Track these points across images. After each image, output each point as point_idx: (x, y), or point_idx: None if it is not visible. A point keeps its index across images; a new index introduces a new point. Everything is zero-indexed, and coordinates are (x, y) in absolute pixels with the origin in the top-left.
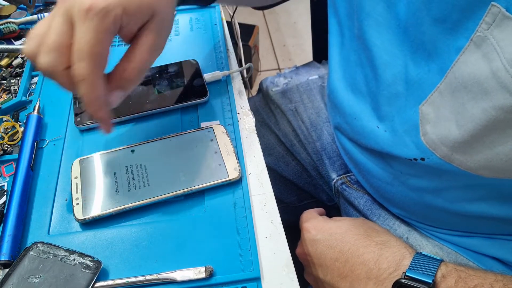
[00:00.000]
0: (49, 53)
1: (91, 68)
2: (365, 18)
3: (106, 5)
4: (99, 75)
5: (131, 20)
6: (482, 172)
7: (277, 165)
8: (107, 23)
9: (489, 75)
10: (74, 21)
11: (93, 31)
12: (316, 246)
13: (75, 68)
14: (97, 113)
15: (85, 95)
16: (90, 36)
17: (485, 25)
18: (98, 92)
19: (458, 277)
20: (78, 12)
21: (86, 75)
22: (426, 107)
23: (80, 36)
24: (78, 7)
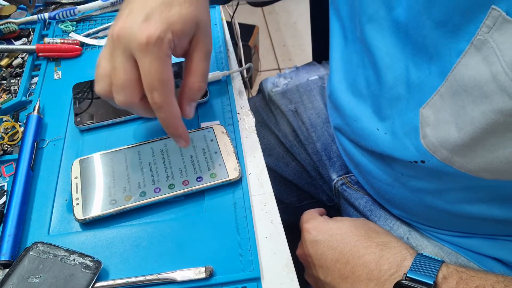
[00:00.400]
0: (123, 91)
1: (164, 94)
2: (367, 21)
3: (159, 33)
4: (172, 99)
5: (181, 38)
6: (483, 174)
7: (277, 165)
8: (165, 50)
9: (489, 78)
10: (136, 56)
11: (156, 60)
12: (316, 247)
13: (151, 98)
14: (177, 132)
15: (165, 119)
16: (156, 66)
17: (485, 29)
18: (175, 113)
19: (459, 278)
20: (138, 47)
21: (161, 102)
22: (426, 110)
23: (146, 69)
24: (137, 43)
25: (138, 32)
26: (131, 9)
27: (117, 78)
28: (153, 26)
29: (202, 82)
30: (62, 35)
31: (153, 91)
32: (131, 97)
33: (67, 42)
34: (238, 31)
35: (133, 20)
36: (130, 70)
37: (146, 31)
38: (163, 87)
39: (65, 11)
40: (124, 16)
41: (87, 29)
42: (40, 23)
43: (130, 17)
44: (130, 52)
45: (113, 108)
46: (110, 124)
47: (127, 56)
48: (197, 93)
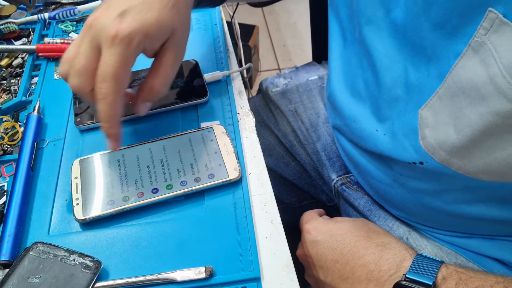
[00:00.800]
0: (77, 76)
1: (112, 88)
2: (366, 23)
3: (129, 32)
4: (118, 95)
5: (153, 42)
6: (481, 176)
7: (277, 165)
8: (131, 49)
9: (486, 80)
10: (101, 47)
11: (117, 56)
12: (316, 248)
13: (97, 87)
14: (110, 130)
15: (103, 112)
16: (114, 61)
17: (482, 31)
18: (115, 111)
19: (458, 279)
20: (105, 39)
21: (106, 94)
22: (425, 111)
23: (104, 60)
24: (105, 34)
25: (110, 25)
26: (110, 3)
27: (77, 62)
28: (126, 23)
29: (163, 86)
30: (62, 35)
31: (103, 82)
32: (84, 83)
33: (67, 42)
34: (238, 31)
35: (108, 13)
36: (90, 58)
37: (118, 26)
38: (113, 81)
39: (65, 11)
40: (102, 8)
41: None
42: (40, 23)
43: (107, 10)
44: (98, 42)
45: None
46: None
47: (93, 45)
48: (155, 95)
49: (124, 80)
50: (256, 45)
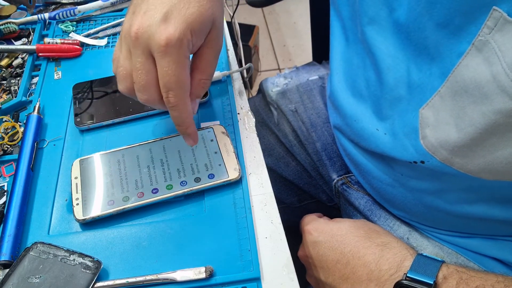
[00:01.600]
0: (145, 91)
1: (180, 95)
2: (368, 22)
3: (178, 35)
4: (187, 99)
5: (200, 37)
6: (483, 175)
7: (277, 165)
8: (184, 52)
9: (489, 79)
10: (155, 56)
11: (174, 63)
12: (317, 248)
13: (166, 98)
14: (188, 130)
15: (178, 118)
16: (173, 68)
17: (486, 30)
18: (188, 113)
19: (459, 278)
20: (157, 49)
21: (176, 102)
22: (426, 110)
23: (164, 70)
24: (155, 44)
25: (157, 32)
26: (148, 6)
27: (139, 78)
28: (172, 27)
29: (209, 79)
30: (62, 35)
31: (169, 92)
32: (154, 95)
33: (67, 42)
34: (238, 31)
35: (151, 19)
36: (150, 71)
37: (166, 32)
38: (179, 88)
39: (65, 11)
40: (141, 13)
41: (87, 29)
42: (40, 23)
43: (148, 15)
44: (149, 52)
45: (113, 108)
46: (110, 124)
47: (146, 56)
48: (203, 90)
49: (187, 82)
50: (256, 45)
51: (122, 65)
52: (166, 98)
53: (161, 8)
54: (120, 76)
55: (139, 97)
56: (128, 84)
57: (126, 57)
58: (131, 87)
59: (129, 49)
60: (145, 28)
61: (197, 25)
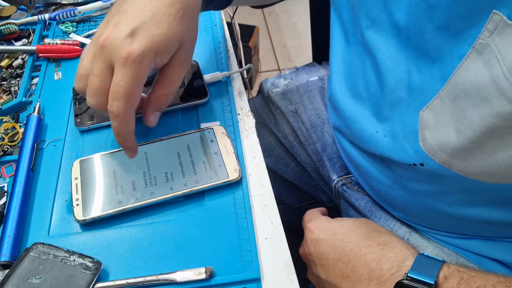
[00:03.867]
0: (94, 96)
1: (124, 107)
2: (370, 24)
3: (141, 52)
4: (131, 112)
5: (163, 57)
6: (482, 177)
7: (277, 166)
8: (143, 69)
9: (489, 82)
10: (114, 66)
11: (129, 76)
12: (318, 246)
13: (110, 106)
14: (125, 144)
15: (116, 129)
16: (126, 81)
17: (487, 33)
18: (129, 127)
19: (460, 278)
20: (117, 60)
21: (118, 113)
22: (426, 113)
23: (117, 80)
24: (117, 55)
25: (121, 45)
26: (120, 19)
27: (92, 83)
28: (137, 43)
29: (171, 96)
30: (62, 36)
31: (114, 101)
32: (101, 102)
33: (67, 43)
34: (238, 31)
35: (119, 32)
36: (105, 78)
37: (129, 47)
38: (125, 100)
39: (65, 12)
40: (112, 24)
41: (87, 30)
42: (40, 24)
43: (117, 28)
44: (110, 62)
45: None
46: (110, 125)
47: (106, 65)
48: (164, 104)
49: (136, 97)
50: (256, 46)
51: (84, 66)
52: (110, 106)
53: (131, 23)
54: (78, 75)
55: (88, 100)
56: (82, 84)
57: (89, 60)
58: (84, 88)
59: (94, 54)
60: (112, 39)
61: (162, 45)
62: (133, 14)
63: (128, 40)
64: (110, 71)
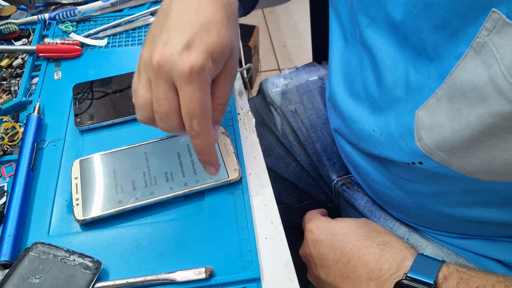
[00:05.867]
0: (167, 120)
1: (203, 122)
2: (369, 24)
3: (201, 63)
4: (210, 126)
5: (219, 64)
6: (481, 175)
7: (277, 166)
8: (206, 79)
9: (487, 81)
10: (177, 85)
11: (198, 90)
12: (318, 247)
13: (189, 126)
14: (210, 159)
15: (200, 146)
16: (197, 96)
17: (485, 32)
18: (211, 141)
19: (459, 278)
20: (180, 77)
21: (200, 130)
22: (422, 112)
23: (188, 98)
24: (179, 73)
25: (180, 61)
26: (169, 35)
27: (161, 108)
28: (194, 55)
29: (225, 104)
30: (62, 36)
31: (193, 119)
32: (176, 124)
33: (67, 43)
34: (238, 31)
35: (173, 48)
36: (172, 100)
37: (189, 61)
38: (203, 115)
39: (65, 12)
40: (162, 42)
41: (87, 29)
42: (40, 24)
43: (169, 45)
44: (172, 81)
45: (113, 109)
46: (110, 125)
47: (169, 86)
48: (221, 115)
49: (210, 109)
50: (256, 46)
51: (142, 95)
52: (189, 126)
53: (182, 37)
54: (140, 105)
55: (160, 125)
56: (148, 113)
57: (145, 87)
58: (151, 116)
59: (149, 79)
60: (168, 58)
61: (218, 53)
62: (181, 28)
63: (185, 54)
64: (174, 91)
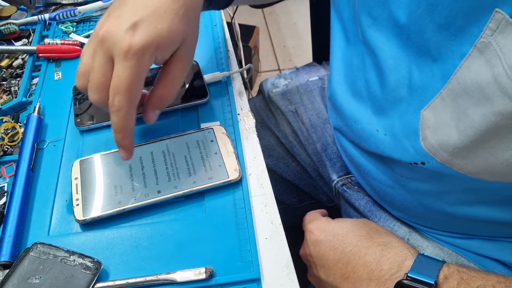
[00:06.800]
0: (96, 92)
1: (125, 101)
2: (371, 23)
3: (142, 45)
4: (132, 107)
5: (165, 52)
6: (483, 176)
7: (277, 166)
8: (143, 62)
9: (490, 80)
10: (114, 59)
11: (130, 69)
12: (319, 247)
13: (111, 101)
14: (122, 141)
15: (117, 124)
16: (127, 74)
17: (489, 31)
18: (128, 122)
19: (460, 278)
20: (118, 53)
21: (119, 107)
22: (427, 112)
23: (118, 74)
24: (118, 48)
25: (122, 38)
26: (121, 13)
27: (94, 78)
28: (138, 36)
29: (173, 95)
30: (63, 36)
31: (116, 95)
32: (104, 98)
33: (67, 43)
34: (238, 31)
35: (120, 25)
36: (106, 73)
37: (130, 40)
38: (126, 94)
39: (65, 12)
40: (113, 17)
41: (87, 30)
42: (41, 24)
43: (118, 21)
44: (111, 55)
45: None
46: (110, 125)
47: (106, 58)
48: (164, 103)
49: (137, 92)
50: (256, 46)
51: (84, 63)
52: (111, 101)
53: (133, 16)
54: (79, 72)
55: (90, 96)
56: (83, 81)
57: (89, 56)
58: (85, 84)
59: (94, 49)
60: (112, 32)
61: (164, 40)
62: (135, 8)
63: (129, 33)
64: (111, 65)
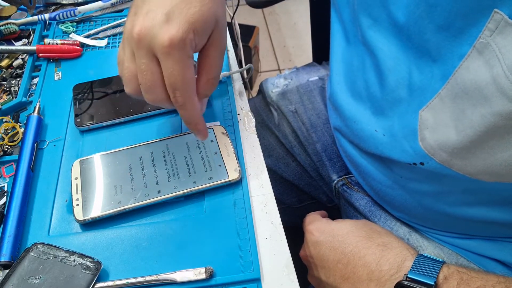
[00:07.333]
0: (152, 91)
1: (186, 94)
2: (371, 24)
3: (181, 35)
4: (194, 98)
5: (202, 37)
6: (482, 176)
7: (277, 166)
8: (187, 51)
9: (489, 81)
10: (159, 57)
11: (178, 62)
12: (319, 248)
13: (173, 98)
14: (197, 127)
15: (186, 116)
16: (178, 68)
17: (488, 32)
18: (196, 111)
19: (460, 279)
20: (160, 49)
21: (183, 102)
22: (425, 112)
23: (169, 71)
24: (159, 44)
25: (160, 33)
26: (150, 7)
27: (145, 80)
28: (174, 27)
29: (216, 79)
30: (63, 36)
31: (176, 91)
32: (160, 95)
33: (67, 43)
34: (238, 31)
35: (153, 20)
36: (155, 71)
37: (168, 33)
38: (185, 87)
39: (65, 12)
40: (143, 14)
41: (87, 30)
42: (41, 24)
43: (150, 16)
44: (153, 53)
45: (114, 109)
46: (110, 125)
47: (150, 57)
48: (211, 90)
49: (193, 81)
50: (256, 46)
51: (127, 67)
52: (173, 98)
53: (162, 8)
54: (126, 78)
55: (146, 97)
56: (134, 85)
57: (130, 59)
58: (137, 89)
59: (132, 51)
60: (148, 29)
61: (200, 24)
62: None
63: (164, 26)
64: (156, 62)
